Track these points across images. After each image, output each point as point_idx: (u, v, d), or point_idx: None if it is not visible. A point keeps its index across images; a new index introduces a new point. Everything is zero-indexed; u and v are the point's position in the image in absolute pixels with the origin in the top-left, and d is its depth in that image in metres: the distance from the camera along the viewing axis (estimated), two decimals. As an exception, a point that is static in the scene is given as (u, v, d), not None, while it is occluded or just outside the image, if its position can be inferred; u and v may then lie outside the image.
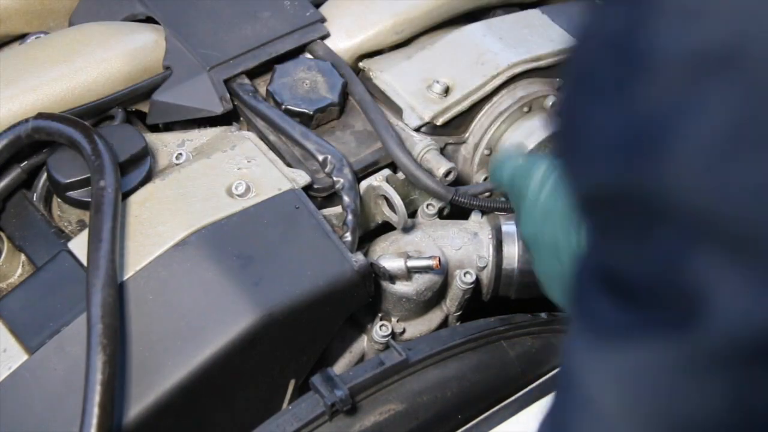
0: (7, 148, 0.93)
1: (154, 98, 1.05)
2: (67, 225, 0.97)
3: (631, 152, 0.33)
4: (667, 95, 0.31)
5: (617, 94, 0.33)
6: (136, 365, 0.83)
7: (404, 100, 1.08)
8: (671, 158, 0.32)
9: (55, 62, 1.02)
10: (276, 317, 0.86)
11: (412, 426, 0.88)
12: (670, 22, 0.31)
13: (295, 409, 0.84)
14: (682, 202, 0.32)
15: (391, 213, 1.01)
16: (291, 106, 1.04)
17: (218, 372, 0.85)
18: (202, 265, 0.87)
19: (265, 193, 0.94)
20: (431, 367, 0.90)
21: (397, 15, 1.14)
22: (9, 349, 0.85)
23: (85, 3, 1.15)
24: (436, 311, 1.05)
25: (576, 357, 0.39)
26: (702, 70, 0.30)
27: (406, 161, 1.01)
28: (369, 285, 0.94)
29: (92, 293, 0.80)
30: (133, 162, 0.94)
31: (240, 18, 1.10)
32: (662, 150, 0.32)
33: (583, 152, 0.35)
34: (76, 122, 0.92)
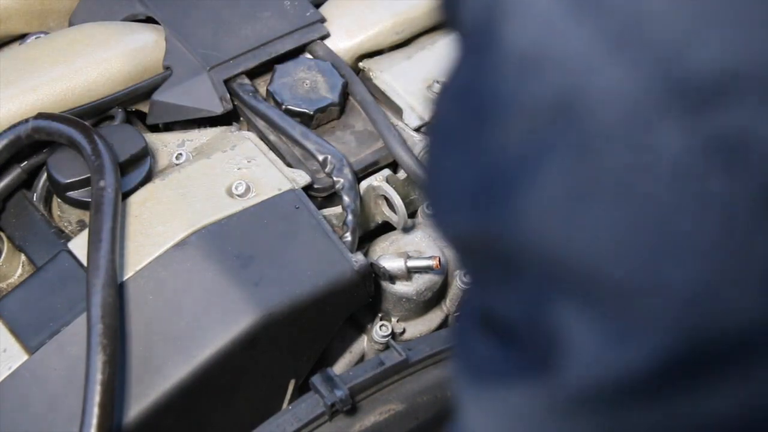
0: (7, 148, 0.93)
1: (154, 98, 1.05)
2: (67, 225, 0.97)
3: (481, 201, 0.34)
4: (511, 145, 0.32)
5: (465, 144, 0.34)
6: (136, 365, 0.83)
7: (404, 100, 1.08)
8: (518, 208, 0.32)
9: (55, 62, 1.02)
10: (276, 317, 0.86)
11: (412, 426, 0.88)
12: (510, 73, 0.32)
13: (295, 409, 0.84)
14: (533, 251, 0.33)
15: (391, 213, 1.01)
16: (291, 106, 1.04)
17: (218, 372, 0.85)
18: (202, 265, 0.87)
19: (265, 193, 0.94)
20: (431, 367, 0.90)
21: (397, 15, 1.14)
22: (9, 349, 0.85)
23: (85, 3, 1.15)
24: (436, 311, 1.05)
25: (459, 394, 0.40)
26: (540, 121, 0.31)
27: (409, 161, 1.01)
28: (369, 285, 0.94)
29: (92, 293, 0.80)
30: (133, 162, 0.94)
31: (240, 18, 1.10)
32: (509, 200, 0.32)
33: (441, 200, 0.36)
34: (76, 122, 0.92)
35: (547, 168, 0.31)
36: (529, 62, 0.30)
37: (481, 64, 0.33)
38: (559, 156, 0.31)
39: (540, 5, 0.30)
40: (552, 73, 0.30)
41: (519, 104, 0.31)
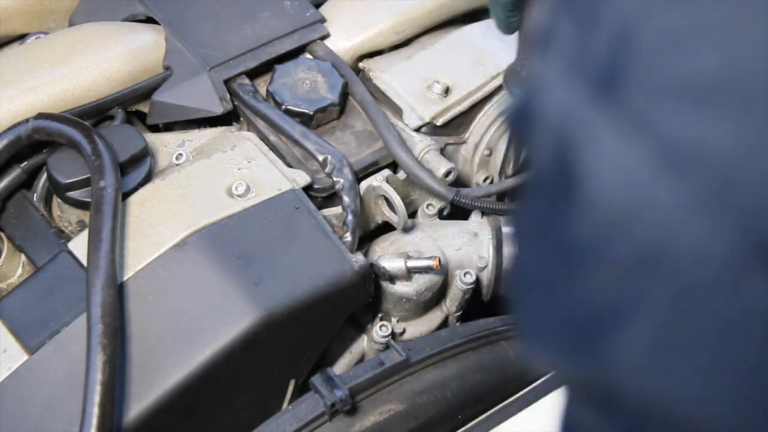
0: (7, 148, 0.93)
1: (154, 98, 1.05)
2: (67, 225, 0.97)
3: (573, 346, 0.35)
4: (599, 296, 0.33)
5: (553, 289, 0.35)
6: (136, 365, 0.83)
7: (404, 101, 1.08)
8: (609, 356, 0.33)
9: (55, 62, 1.02)
10: (276, 317, 0.86)
11: (412, 426, 0.88)
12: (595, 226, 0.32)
13: (295, 409, 0.84)
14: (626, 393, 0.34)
15: (391, 213, 1.01)
16: (291, 107, 1.04)
17: (218, 372, 0.85)
18: (202, 266, 0.87)
19: (265, 194, 0.94)
20: (431, 367, 0.90)
21: (397, 15, 1.14)
22: (9, 349, 0.85)
23: (85, 3, 1.15)
24: (436, 311, 1.05)
25: None
26: (628, 275, 0.32)
27: (408, 161, 1.01)
28: (369, 285, 0.94)
29: (92, 293, 0.80)
30: (133, 162, 0.94)
31: (240, 18, 1.10)
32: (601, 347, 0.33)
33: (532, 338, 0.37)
34: (76, 122, 0.92)
35: (637, 320, 0.32)
36: (614, 217, 0.31)
37: (562, 210, 0.33)
38: (647, 309, 0.32)
39: (621, 158, 0.30)
40: (639, 230, 0.31)
41: (606, 257, 0.32)
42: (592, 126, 0.31)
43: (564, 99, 0.32)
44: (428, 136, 1.07)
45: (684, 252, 0.30)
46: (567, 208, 0.33)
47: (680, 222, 0.30)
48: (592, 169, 0.31)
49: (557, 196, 0.34)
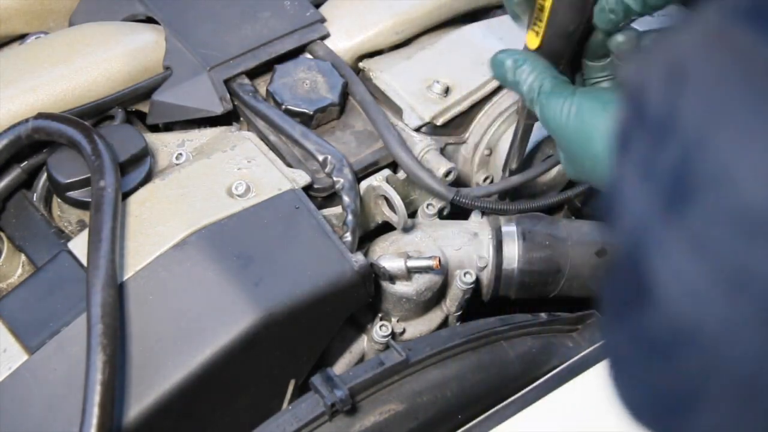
0: (7, 148, 0.93)
1: (154, 98, 1.05)
2: (67, 225, 0.97)
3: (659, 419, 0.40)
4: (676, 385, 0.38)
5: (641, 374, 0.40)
6: (136, 365, 0.83)
7: (404, 100, 1.08)
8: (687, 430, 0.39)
9: (55, 62, 1.02)
10: (276, 317, 0.86)
11: (412, 426, 0.88)
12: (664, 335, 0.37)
13: (295, 409, 0.84)
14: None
15: (391, 213, 1.01)
16: (291, 106, 1.04)
17: (218, 372, 0.85)
18: (202, 265, 0.87)
19: (265, 193, 0.94)
20: (431, 367, 0.90)
21: (397, 15, 1.14)
22: (9, 349, 0.85)
23: (85, 3, 1.15)
24: (436, 311, 1.05)
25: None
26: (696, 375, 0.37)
27: (408, 161, 1.01)
28: (369, 285, 0.94)
29: (92, 293, 0.80)
30: (133, 162, 0.94)
31: (240, 18, 1.10)
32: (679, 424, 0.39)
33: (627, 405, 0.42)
34: (76, 122, 0.92)
35: (705, 410, 0.37)
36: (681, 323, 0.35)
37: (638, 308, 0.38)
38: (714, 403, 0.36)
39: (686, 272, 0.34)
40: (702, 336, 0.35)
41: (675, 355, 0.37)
42: (662, 238, 0.35)
43: (638, 207, 0.36)
44: (428, 136, 1.07)
45: (740, 360, 0.34)
46: (643, 307, 0.37)
47: (736, 333, 0.34)
48: (660, 278, 0.35)
49: (634, 294, 0.38)
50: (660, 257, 0.35)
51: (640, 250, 0.36)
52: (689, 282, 0.34)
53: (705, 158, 0.34)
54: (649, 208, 0.36)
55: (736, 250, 0.33)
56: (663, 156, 0.35)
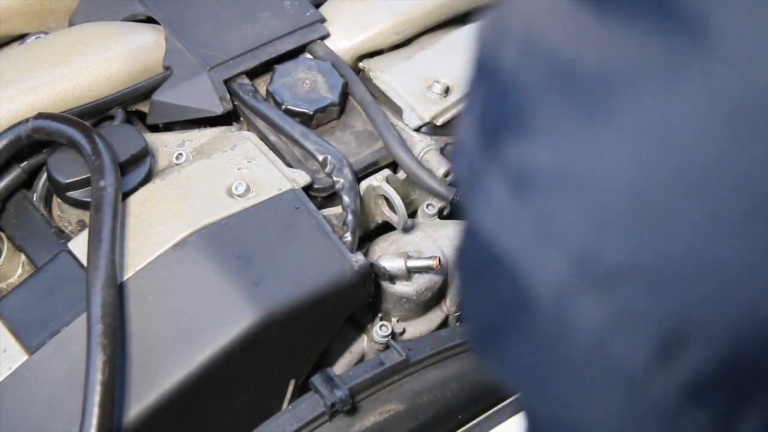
0: (7, 148, 0.93)
1: (154, 98, 1.05)
2: (67, 225, 0.97)
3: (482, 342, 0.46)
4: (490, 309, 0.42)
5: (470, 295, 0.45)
6: (136, 365, 0.83)
7: (404, 100, 1.08)
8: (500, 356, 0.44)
9: (55, 62, 1.02)
10: (276, 317, 0.86)
11: (412, 426, 0.88)
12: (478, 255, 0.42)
13: (295, 409, 0.84)
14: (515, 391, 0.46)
15: (391, 213, 1.01)
16: (291, 106, 1.04)
17: (218, 372, 0.85)
18: (202, 265, 0.87)
19: (265, 193, 0.94)
20: (431, 367, 0.90)
21: (397, 15, 1.14)
22: (9, 349, 0.85)
23: (85, 3, 1.15)
24: (436, 311, 1.05)
25: None
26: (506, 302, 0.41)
27: (408, 161, 1.01)
28: (369, 285, 0.94)
29: (92, 293, 0.80)
30: (133, 162, 0.94)
31: (240, 18, 1.10)
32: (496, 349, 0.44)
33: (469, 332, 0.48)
34: (76, 122, 0.92)
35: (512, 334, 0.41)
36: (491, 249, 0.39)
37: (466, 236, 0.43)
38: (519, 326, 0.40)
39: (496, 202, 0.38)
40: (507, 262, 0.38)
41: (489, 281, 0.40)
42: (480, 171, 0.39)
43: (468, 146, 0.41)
44: (428, 136, 1.07)
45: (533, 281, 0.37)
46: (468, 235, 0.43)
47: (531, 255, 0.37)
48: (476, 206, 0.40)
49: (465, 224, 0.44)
50: (476, 187, 0.39)
51: (466, 184, 0.41)
52: (497, 208, 0.38)
53: (512, 101, 0.38)
54: (474, 146, 0.40)
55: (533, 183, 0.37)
56: (489, 97, 0.39)
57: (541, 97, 0.37)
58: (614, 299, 0.35)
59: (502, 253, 0.38)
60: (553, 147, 0.36)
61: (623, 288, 0.35)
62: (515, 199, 0.37)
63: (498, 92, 0.39)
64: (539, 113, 0.37)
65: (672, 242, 0.34)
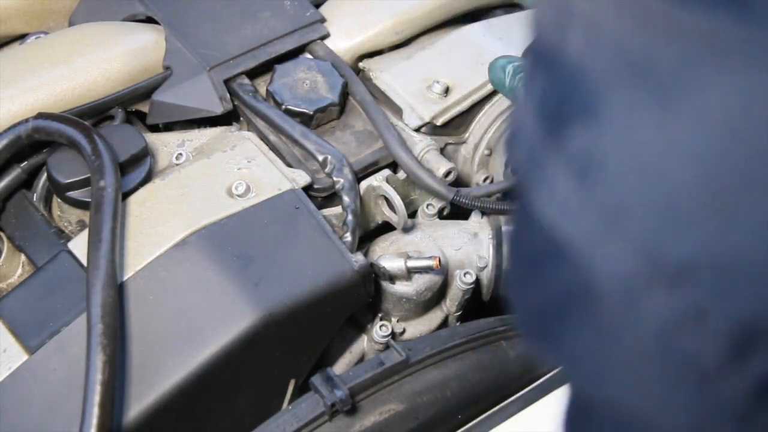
0: (7, 148, 0.93)
1: (154, 98, 1.05)
2: (67, 225, 0.97)
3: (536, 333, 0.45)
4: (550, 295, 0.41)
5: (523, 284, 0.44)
6: (136, 365, 0.83)
7: (404, 100, 1.08)
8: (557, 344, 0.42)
9: (55, 62, 1.02)
10: (276, 317, 0.86)
11: (412, 426, 0.88)
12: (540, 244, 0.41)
13: (295, 409, 0.84)
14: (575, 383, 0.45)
15: (391, 213, 1.01)
16: (291, 106, 1.04)
17: (218, 372, 0.85)
18: (202, 265, 0.87)
19: (265, 194, 0.94)
20: (431, 367, 0.90)
21: (397, 15, 1.14)
22: (9, 349, 0.85)
23: (85, 3, 1.15)
24: (436, 311, 1.05)
25: None
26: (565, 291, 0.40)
27: (408, 161, 1.01)
28: (369, 285, 0.94)
29: (92, 293, 0.80)
30: (133, 162, 0.94)
31: (240, 18, 1.10)
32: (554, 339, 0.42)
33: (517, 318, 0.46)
34: (76, 122, 0.92)
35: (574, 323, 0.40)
36: (553, 239, 0.38)
37: (524, 226, 0.42)
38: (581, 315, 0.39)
39: (561, 192, 0.37)
40: (570, 253, 0.38)
41: (550, 270, 0.40)
42: (542, 160, 0.38)
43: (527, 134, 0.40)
44: (428, 136, 1.07)
45: (597, 273, 0.37)
46: (527, 225, 0.41)
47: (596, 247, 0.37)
48: (538, 195, 0.39)
49: (522, 213, 0.42)
50: (538, 176, 0.38)
51: (526, 172, 0.40)
52: (561, 198, 0.37)
53: (580, 88, 0.37)
54: (534, 134, 0.39)
55: (599, 172, 0.36)
56: (550, 85, 0.39)
57: (610, 85, 0.36)
58: (685, 294, 0.35)
59: (565, 242, 0.37)
60: (622, 135, 0.35)
61: (694, 283, 0.34)
62: (581, 187, 0.37)
63: (562, 79, 0.38)
64: (608, 101, 0.36)
65: (744, 236, 0.33)
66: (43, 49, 1.05)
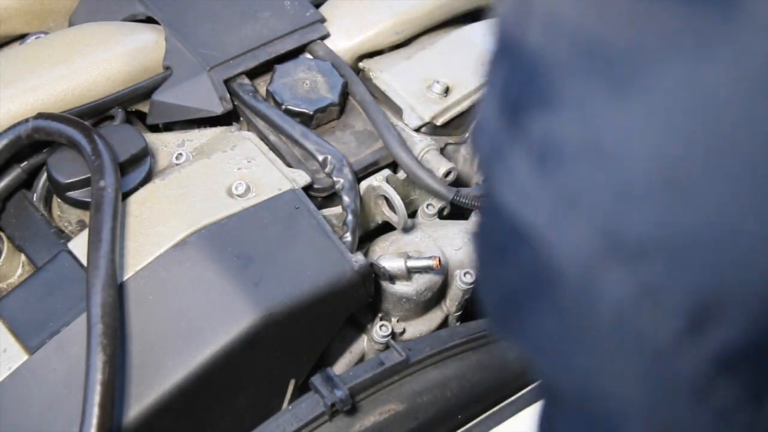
0: (7, 148, 0.93)
1: (154, 98, 1.05)
2: (67, 225, 0.97)
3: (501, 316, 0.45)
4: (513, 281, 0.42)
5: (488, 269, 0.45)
6: (136, 365, 0.83)
7: (404, 100, 1.08)
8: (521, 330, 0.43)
9: (55, 62, 1.02)
10: (276, 317, 0.86)
11: (412, 426, 0.88)
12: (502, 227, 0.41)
13: (295, 409, 0.84)
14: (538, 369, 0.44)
15: (391, 213, 1.01)
16: (291, 106, 1.04)
17: (218, 372, 0.85)
18: (202, 265, 0.87)
19: (265, 193, 0.94)
20: (431, 367, 0.90)
21: (397, 15, 1.14)
22: (9, 349, 0.85)
23: (85, 3, 1.15)
24: (436, 311, 1.05)
25: None
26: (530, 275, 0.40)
27: (408, 161, 1.01)
28: (369, 285, 0.94)
29: (92, 293, 0.80)
30: (133, 162, 0.94)
31: (240, 18, 1.10)
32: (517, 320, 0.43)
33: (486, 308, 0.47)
34: (76, 122, 0.92)
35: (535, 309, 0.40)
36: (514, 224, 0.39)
37: (488, 213, 0.43)
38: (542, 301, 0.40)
39: (520, 178, 0.38)
40: (529, 237, 0.38)
41: (511, 256, 0.40)
42: (503, 147, 0.39)
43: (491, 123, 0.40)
44: (428, 136, 1.07)
45: (556, 256, 0.37)
46: (490, 212, 0.42)
47: (554, 230, 0.37)
48: (499, 182, 0.39)
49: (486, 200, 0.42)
50: (499, 163, 0.39)
51: (488, 160, 0.41)
52: (520, 183, 0.38)
53: (540, 78, 0.38)
54: (497, 123, 0.40)
55: (557, 158, 0.37)
56: (511, 74, 0.40)
57: (568, 73, 0.37)
58: (640, 272, 0.35)
59: (525, 228, 0.38)
60: (579, 121, 0.36)
61: (649, 261, 0.35)
62: (539, 173, 0.37)
63: (521, 69, 0.39)
64: (566, 88, 0.37)
65: (699, 214, 0.34)
66: (43, 49, 1.05)
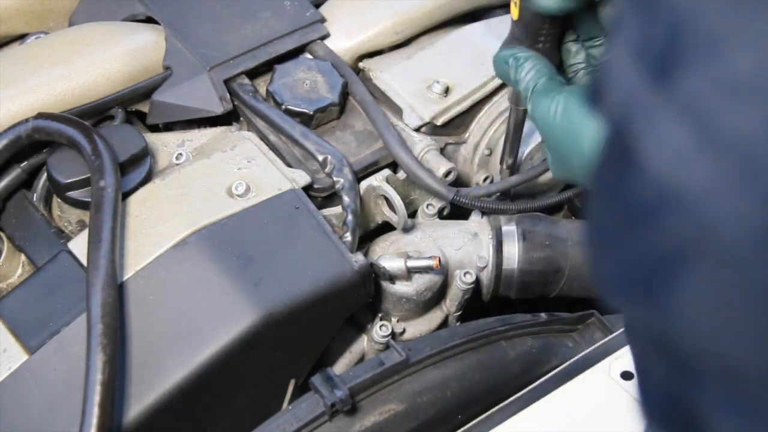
0: (7, 148, 0.93)
1: (154, 98, 1.05)
2: (67, 225, 0.97)
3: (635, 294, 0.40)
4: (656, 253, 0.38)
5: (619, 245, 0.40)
6: (136, 365, 0.83)
7: (404, 100, 1.08)
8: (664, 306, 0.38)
9: (55, 62, 1.02)
10: (276, 317, 0.86)
11: (412, 426, 0.88)
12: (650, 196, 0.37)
13: (295, 409, 0.84)
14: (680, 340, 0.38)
15: (391, 213, 1.01)
16: (291, 106, 1.04)
17: (218, 372, 0.85)
18: (202, 265, 0.87)
19: (265, 193, 0.94)
20: (431, 367, 0.90)
21: (397, 15, 1.14)
22: (9, 349, 0.85)
23: (85, 3, 1.15)
24: (436, 311, 1.05)
25: None
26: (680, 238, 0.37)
27: (407, 161, 1.01)
28: (369, 285, 0.94)
29: (92, 293, 0.80)
30: (133, 162, 0.94)
31: (240, 18, 1.10)
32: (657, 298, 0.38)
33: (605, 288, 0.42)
34: (76, 122, 0.92)
35: (690, 277, 0.37)
36: (665, 189, 0.36)
37: (625, 177, 0.39)
38: (699, 268, 0.36)
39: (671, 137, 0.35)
40: (686, 202, 0.35)
41: (659, 222, 0.37)
42: (649, 107, 0.36)
43: (627, 81, 0.37)
44: (428, 135, 1.07)
45: (721, 223, 0.34)
46: (628, 177, 0.38)
47: (717, 196, 0.34)
48: (647, 144, 0.36)
49: (621, 165, 0.38)
50: (646, 124, 0.37)
51: (628, 121, 0.38)
52: (674, 146, 0.35)
53: (693, 28, 0.35)
54: (637, 80, 0.37)
55: (722, 114, 0.34)
56: (652, 29, 0.37)
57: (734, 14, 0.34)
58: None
59: (680, 192, 0.35)
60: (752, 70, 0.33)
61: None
62: (698, 135, 0.35)
63: (668, 21, 0.36)
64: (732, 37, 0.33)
65: None
66: (43, 49, 1.05)
